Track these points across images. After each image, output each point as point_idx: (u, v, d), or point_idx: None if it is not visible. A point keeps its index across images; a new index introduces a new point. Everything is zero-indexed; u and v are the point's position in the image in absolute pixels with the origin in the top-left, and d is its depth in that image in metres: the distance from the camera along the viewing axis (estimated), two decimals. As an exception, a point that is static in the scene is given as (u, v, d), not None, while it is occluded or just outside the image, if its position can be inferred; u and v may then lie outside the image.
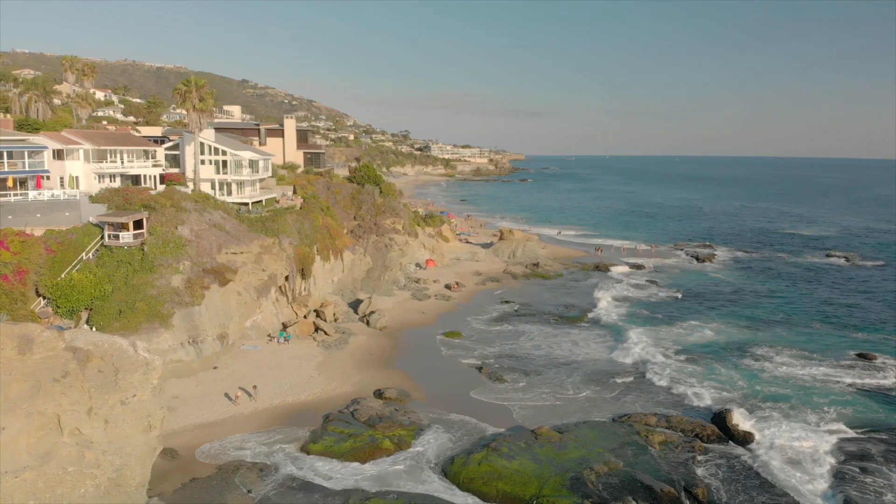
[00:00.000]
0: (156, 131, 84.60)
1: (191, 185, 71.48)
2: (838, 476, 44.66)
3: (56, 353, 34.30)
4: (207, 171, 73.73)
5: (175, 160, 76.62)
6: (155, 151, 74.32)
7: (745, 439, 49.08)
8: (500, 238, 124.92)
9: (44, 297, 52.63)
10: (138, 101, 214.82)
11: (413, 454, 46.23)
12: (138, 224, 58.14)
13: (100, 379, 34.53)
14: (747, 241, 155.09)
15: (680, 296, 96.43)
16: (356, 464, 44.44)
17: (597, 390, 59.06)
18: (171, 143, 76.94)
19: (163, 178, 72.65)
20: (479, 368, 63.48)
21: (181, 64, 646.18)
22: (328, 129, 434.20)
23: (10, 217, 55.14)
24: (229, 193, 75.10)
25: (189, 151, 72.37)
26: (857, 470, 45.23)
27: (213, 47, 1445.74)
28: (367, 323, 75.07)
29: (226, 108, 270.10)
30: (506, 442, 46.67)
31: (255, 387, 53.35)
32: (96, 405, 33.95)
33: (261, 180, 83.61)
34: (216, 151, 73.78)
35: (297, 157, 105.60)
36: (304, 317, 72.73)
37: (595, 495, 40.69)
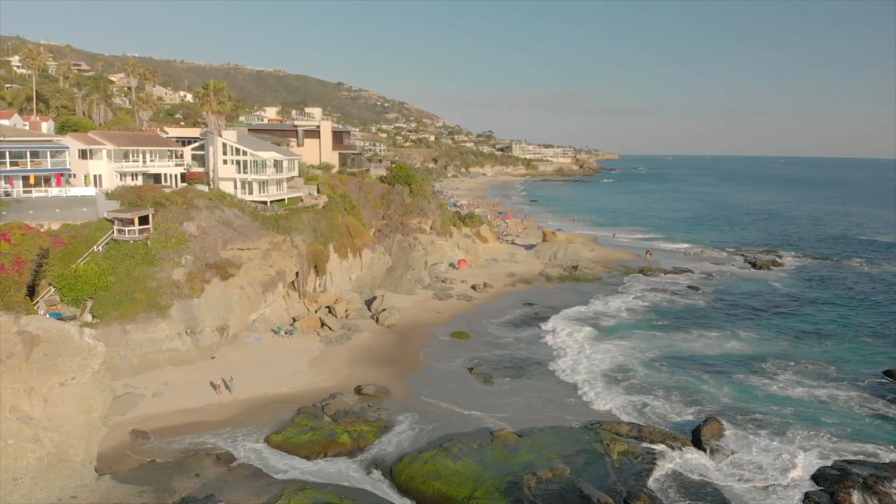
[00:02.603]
0: (194, 132, 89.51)
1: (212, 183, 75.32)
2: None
3: (7, 336, 37.57)
4: (229, 171, 77.45)
5: (202, 160, 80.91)
6: (181, 152, 78.91)
7: (714, 455, 46.79)
8: (543, 240, 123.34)
9: (53, 287, 57.16)
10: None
11: (367, 450, 47.02)
12: (144, 220, 61.98)
13: (44, 361, 37.55)
14: (820, 248, 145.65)
15: (716, 303, 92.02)
16: (306, 458, 45.76)
17: (584, 395, 57.89)
18: (197, 144, 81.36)
19: (185, 177, 77.01)
20: (470, 369, 63.41)
21: (280, 67, 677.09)
22: (410, 131, 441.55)
23: (31, 212, 60.20)
24: (251, 192, 78.50)
25: (213, 152, 76.24)
26: (828, 498, 42.02)
27: (310, 50, 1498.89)
28: (377, 320, 76.37)
29: (307, 110, 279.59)
30: (459, 443, 46.69)
31: (231, 378, 55.74)
32: (37, 385, 36.96)
33: (287, 179, 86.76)
34: (237, 152, 77.33)
35: (332, 157, 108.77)
36: (315, 312, 75.01)
37: (527, 501, 40.11)
